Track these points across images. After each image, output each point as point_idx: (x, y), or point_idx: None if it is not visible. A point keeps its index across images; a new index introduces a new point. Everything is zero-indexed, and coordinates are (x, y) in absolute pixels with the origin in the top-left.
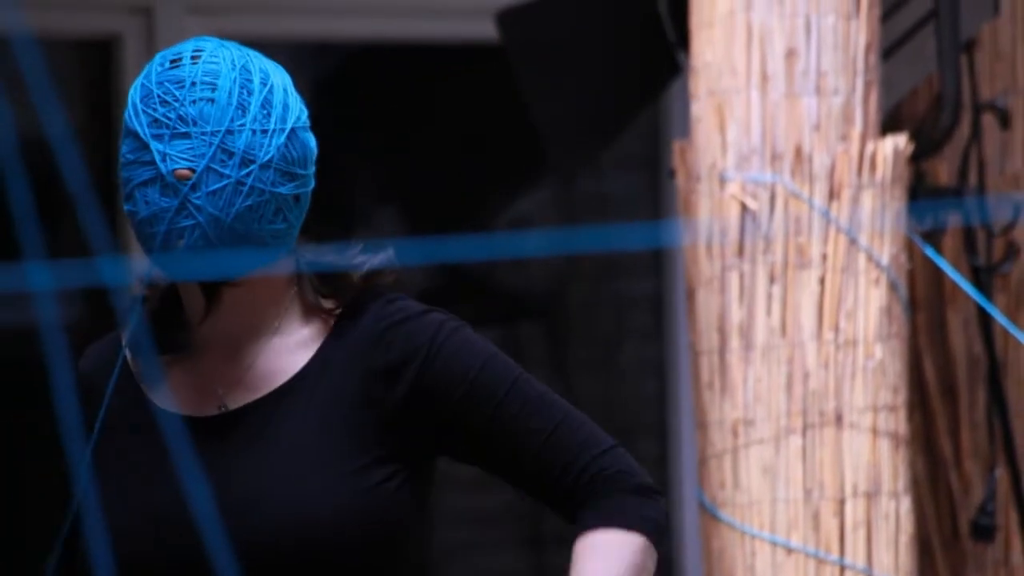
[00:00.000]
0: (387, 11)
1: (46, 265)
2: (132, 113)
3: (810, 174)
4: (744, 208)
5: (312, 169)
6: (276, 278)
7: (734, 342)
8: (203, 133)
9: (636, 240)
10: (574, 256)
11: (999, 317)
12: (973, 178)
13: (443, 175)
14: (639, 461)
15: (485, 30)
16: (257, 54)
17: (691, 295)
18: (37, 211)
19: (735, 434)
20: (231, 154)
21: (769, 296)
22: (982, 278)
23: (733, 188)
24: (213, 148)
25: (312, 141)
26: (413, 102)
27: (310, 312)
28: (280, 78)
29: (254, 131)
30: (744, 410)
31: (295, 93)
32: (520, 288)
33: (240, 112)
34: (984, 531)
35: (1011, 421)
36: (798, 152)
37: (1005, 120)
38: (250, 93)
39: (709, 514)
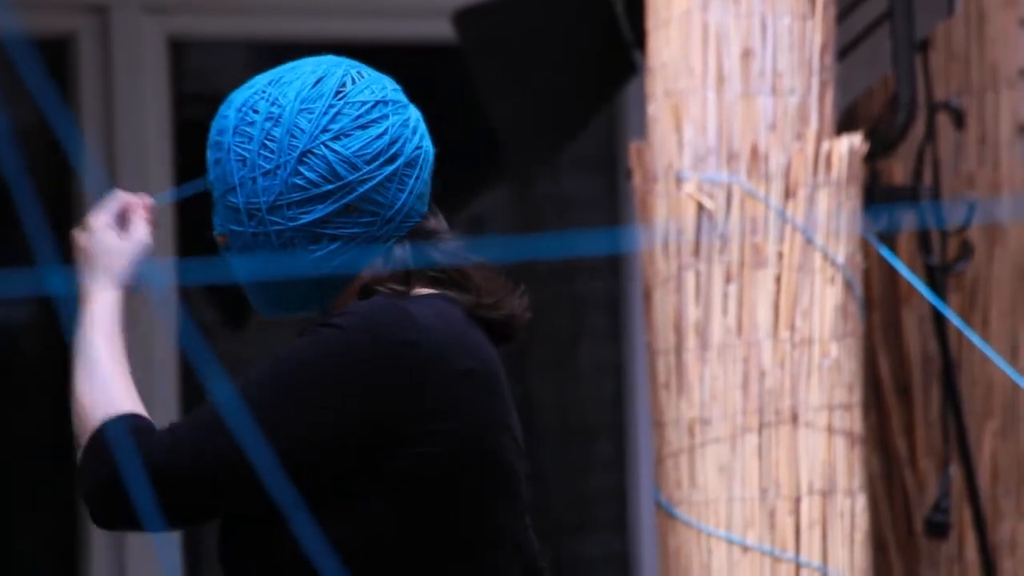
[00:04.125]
0: (344, 11)
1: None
2: None
3: (766, 173)
4: (701, 208)
5: (362, 171)
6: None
7: (690, 341)
8: (218, 196)
9: (594, 246)
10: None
11: (953, 317)
12: (928, 177)
13: None
14: (596, 461)
15: (442, 30)
16: (301, 72)
17: (648, 295)
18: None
19: (691, 433)
20: (237, 210)
21: (725, 295)
22: (936, 277)
23: (689, 188)
24: (226, 209)
25: (357, 142)
26: None
27: None
28: (307, 94)
29: (254, 179)
30: (700, 409)
31: (329, 101)
32: None
33: (240, 164)
34: (938, 528)
35: (965, 419)
36: (754, 152)
37: (959, 120)
38: (250, 139)
39: (666, 513)
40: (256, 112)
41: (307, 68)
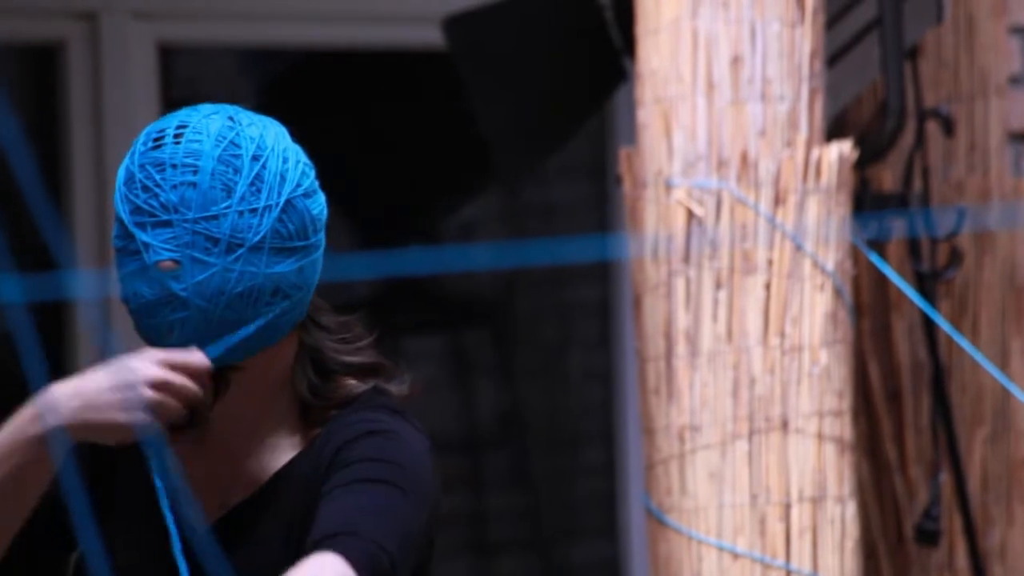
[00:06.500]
0: (333, 17)
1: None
2: (118, 198)
3: (756, 180)
4: (690, 214)
5: (320, 235)
6: (283, 361)
7: (680, 348)
8: (185, 220)
9: (584, 252)
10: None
11: (943, 323)
12: (917, 184)
13: (389, 182)
14: (586, 468)
15: (432, 37)
16: (255, 119)
17: (637, 301)
18: None
19: (681, 440)
20: (216, 240)
21: (715, 302)
22: (926, 284)
23: (679, 194)
24: (195, 236)
25: (317, 205)
26: (360, 109)
27: (303, 405)
28: (278, 144)
29: (241, 212)
30: (690, 416)
31: (297, 156)
32: (466, 294)
33: (225, 194)
34: (929, 536)
35: (955, 426)
36: (744, 158)
37: (949, 127)
38: (237, 171)
39: (656, 520)
40: (238, 146)
41: (250, 116)
